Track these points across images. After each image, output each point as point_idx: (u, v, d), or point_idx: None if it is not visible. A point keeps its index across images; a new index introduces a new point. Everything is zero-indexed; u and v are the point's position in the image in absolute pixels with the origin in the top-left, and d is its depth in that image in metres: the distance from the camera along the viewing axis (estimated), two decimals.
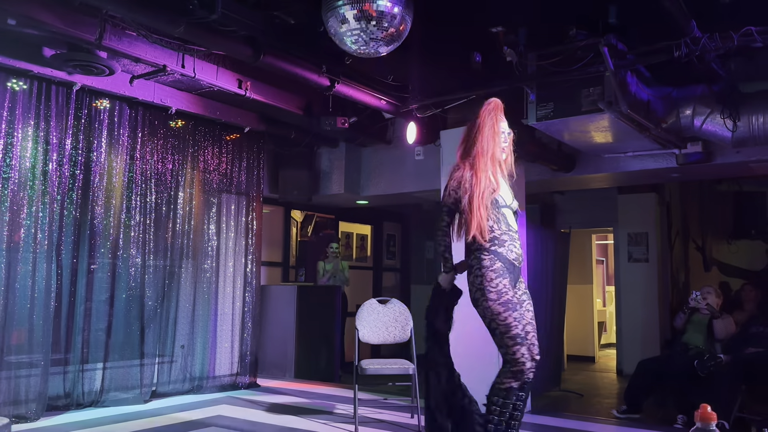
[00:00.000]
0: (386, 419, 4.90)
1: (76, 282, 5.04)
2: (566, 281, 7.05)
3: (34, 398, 4.67)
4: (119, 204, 5.32)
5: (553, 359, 6.73)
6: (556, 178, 6.17)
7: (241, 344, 6.32)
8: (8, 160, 4.65)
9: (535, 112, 4.64)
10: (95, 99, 5.19)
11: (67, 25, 4.06)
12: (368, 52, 3.67)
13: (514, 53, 4.46)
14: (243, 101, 5.76)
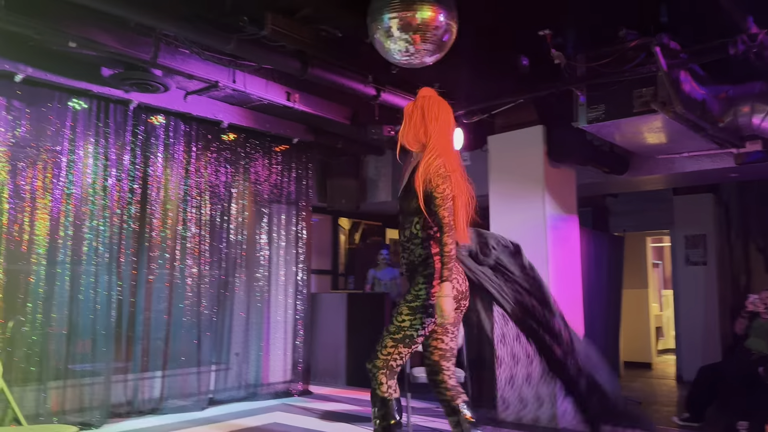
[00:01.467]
0: (439, 428, 4.88)
1: (136, 293, 5.22)
2: (621, 286, 6.88)
3: (98, 406, 4.85)
4: (175, 216, 5.49)
5: (608, 366, 6.56)
6: (608, 180, 6.04)
7: (293, 351, 6.41)
8: (71, 176, 4.86)
9: (586, 115, 4.55)
10: (151, 115, 5.38)
11: (124, 46, 4.22)
12: (414, 62, 3.69)
13: (563, 55, 4.40)
14: (291, 113, 5.87)
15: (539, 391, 4.97)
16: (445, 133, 3.00)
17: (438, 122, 2.99)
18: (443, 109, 3.05)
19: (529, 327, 3.43)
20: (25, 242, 4.62)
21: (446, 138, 2.99)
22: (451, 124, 3.06)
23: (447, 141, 2.99)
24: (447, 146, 2.98)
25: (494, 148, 5.43)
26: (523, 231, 5.17)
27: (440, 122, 2.99)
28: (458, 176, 2.96)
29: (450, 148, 3.00)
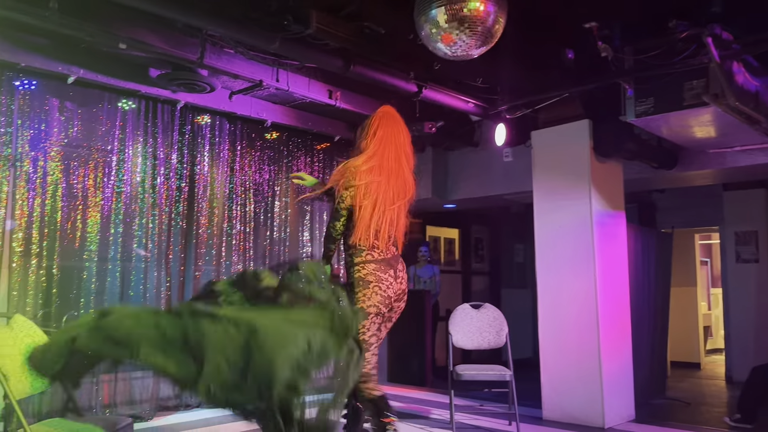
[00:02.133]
0: (483, 425, 4.85)
1: (184, 288, 5.33)
2: (669, 284, 6.72)
3: (148, 399, 4.97)
4: (221, 214, 5.59)
5: (656, 366, 6.42)
6: (656, 175, 5.90)
7: None
8: (121, 175, 4.99)
9: (634, 108, 4.46)
10: (197, 115, 5.48)
11: (171, 46, 4.30)
12: (461, 54, 3.65)
13: (610, 48, 4.32)
14: (333, 111, 5.90)
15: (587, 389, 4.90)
16: (379, 147, 3.19)
17: (374, 137, 3.21)
18: (386, 126, 3.26)
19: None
20: (77, 239, 4.76)
21: (380, 151, 3.18)
22: (390, 139, 3.23)
23: (380, 154, 3.17)
24: (378, 158, 3.16)
25: (538, 143, 5.36)
26: (569, 228, 5.10)
27: (377, 137, 3.21)
28: (377, 185, 3.12)
29: (381, 159, 3.16)
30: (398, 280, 3.17)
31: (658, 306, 6.42)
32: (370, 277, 3.06)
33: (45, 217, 4.59)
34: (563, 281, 5.11)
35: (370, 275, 3.07)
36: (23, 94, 4.55)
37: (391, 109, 3.38)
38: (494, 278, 9.90)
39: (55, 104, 4.72)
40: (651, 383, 6.23)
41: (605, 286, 5.03)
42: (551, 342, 5.16)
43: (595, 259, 4.96)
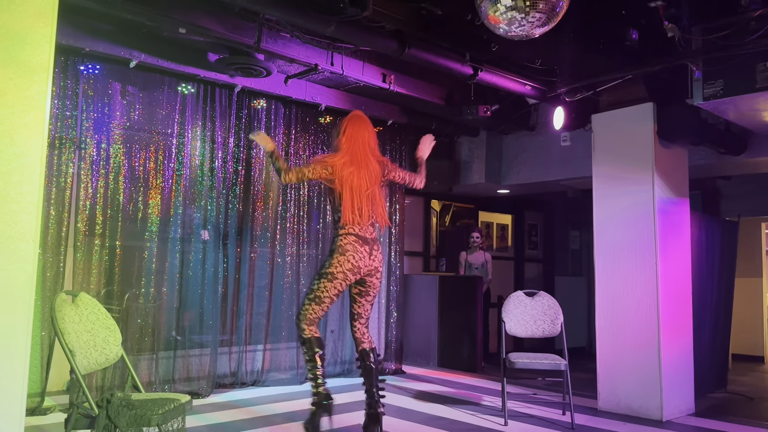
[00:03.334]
0: (536, 414, 4.79)
1: (240, 269, 5.44)
2: (734, 274, 6.45)
3: (205, 376, 5.11)
4: (276, 197, 5.66)
5: (717, 358, 6.20)
6: (722, 161, 5.65)
7: (386, 331, 6.48)
8: (181, 158, 5.10)
9: (702, 91, 4.26)
10: (254, 99, 5.55)
11: (229, 31, 4.35)
12: (522, 33, 3.55)
13: (677, 28, 4.13)
14: (386, 95, 5.86)
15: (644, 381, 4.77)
16: (349, 144, 3.86)
17: (344, 135, 3.89)
18: (353, 126, 3.92)
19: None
20: (139, 220, 4.91)
21: (350, 147, 3.85)
22: (357, 136, 3.88)
23: (350, 150, 3.84)
24: (349, 154, 3.84)
25: (599, 127, 5.19)
26: (630, 215, 4.95)
27: (346, 135, 3.88)
28: (350, 175, 3.78)
29: (351, 154, 3.83)
30: (372, 257, 3.77)
31: (722, 297, 6.18)
32: (348, 246, 3.69)
33: (108, 199, 4.74)
34: (622, 269, 4.96)
35: (348, 245, 3.70)
36: (87, 78, 4.69)
37: (358, 113, 4.05)
38: (548, 265, 9.73)
39: (117, 88, 4.85)
40: (711, 376, 6.02)
41: (666, 275, 4.86)
42: (608, 331, 5.04)
43: (656, 247, 4.80)
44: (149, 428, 2.82)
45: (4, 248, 2.03)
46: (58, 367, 4.51)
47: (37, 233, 2.11)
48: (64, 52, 4.49)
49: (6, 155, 2.07)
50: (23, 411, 2.08)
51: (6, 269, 2.03)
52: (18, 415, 2.04)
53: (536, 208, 9.71)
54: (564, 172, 6.64)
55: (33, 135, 2.13)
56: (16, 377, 2.04)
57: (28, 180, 2.10)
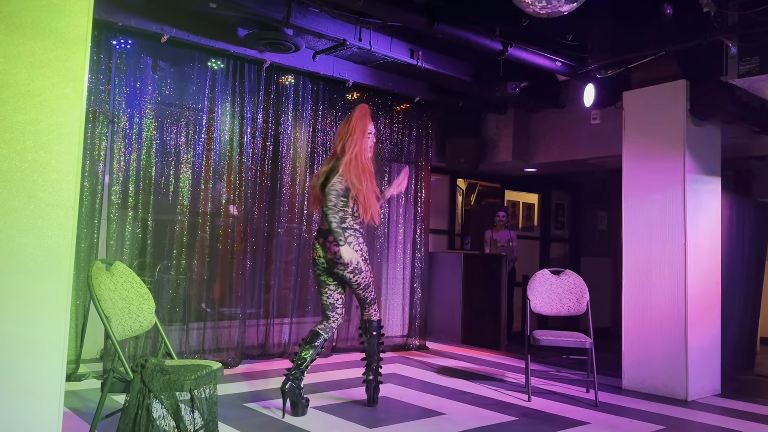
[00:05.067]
0: (559, 392, 4.81)
1: (268, 244, 5.52)
2: (765, 257, 6.35)
3: (233, 347, 5.23)
4: (303, 173, 5.72)
5: (745, 341, 6.14)
6: (756, 141, 5.53)
7: (411, 308, 6.54)
8: (210, 133, 5.17)
9: (737, 68, 4.17)
10: (282, 75, 5.58)
11: (258, 5, 4.38)
12: (550, 12, 3.52)
13: (712, 3, 4.04)
14: (413, 71, 5.85)
15: (670, 361, 4.76)
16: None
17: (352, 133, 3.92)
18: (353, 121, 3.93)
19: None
20: (170, 194, 5.00)
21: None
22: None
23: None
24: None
25: (630, 104, 5.12)
26: (660, 195, 4.89)
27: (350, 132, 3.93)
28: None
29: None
30: (324, 248, 4.01)
31: (751, 279, 6.10)
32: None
33: (140, 172, 4.83)
34: (651, 249, 4.92)
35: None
36: (119, 52, 4.76)
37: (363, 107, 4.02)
38: (574, 245, 9.67)
39: (149, 63, 4.92)
40: (739, 358, 5.97)
41: (695, 256, 4.81)
42: (635, 311, 5.02)
43: (686, 228, 4.74)
44: (182, 393, 2.92)
45: (45, 215, 2.11)
46: (91, 336, 4.66)
47: (76, 201, 2.18)
48: (97, 26, 4.56)
49: (47, 125, 2.13)
50: (64, 369, 2.17)
51: (48, 236, 2.11)
52: (59, 374, 2.13)
53: (564, 188, 9.62)
54: (593, 150, 6.57)
55: (72, 106, 2.19)
56: (57, 338, 2.12)
57: (67, 150, 2.17)
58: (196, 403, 3.02)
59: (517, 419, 3.98)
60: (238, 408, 3.95)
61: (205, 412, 2.98)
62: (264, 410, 3.93)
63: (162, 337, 3.36)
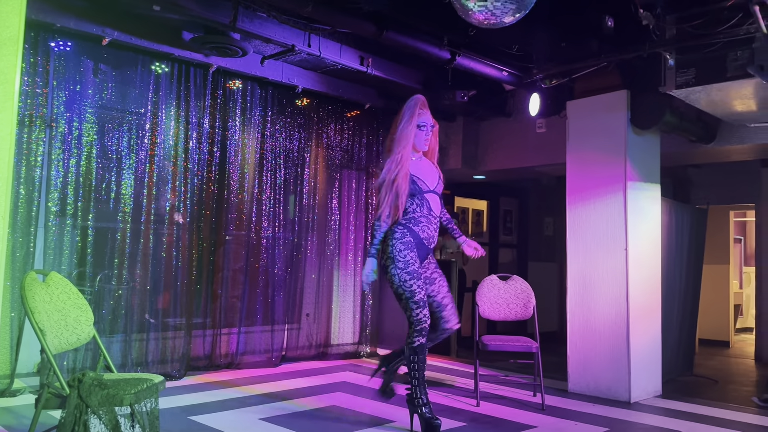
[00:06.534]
0: (507, 396, 4.87)
1: (214, 252, 5.41)
2: (702, 261, 6.60)
3: (178, 358, 5.09)
4: (252, 179, 5.63)
5: (684, 343, 6.35)
6: (693, 150, 5.75)
7: (362, 315, 6.52)
8: (154, 138, 5.04)
9: (675, 79, 4.33)
10: (229, 80, 5.48)
11: (203, 9, 4.29)
12: (493, 22, 3.56)
13: (651, 16, 4.18)
14: (363, 78, 5.84)
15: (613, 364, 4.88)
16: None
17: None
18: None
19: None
20: (112, 201, 4.84)
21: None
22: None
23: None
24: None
25: (573, 113, 5.25)
26: (602, 201, 5.02)
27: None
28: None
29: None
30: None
31: (690, 283, 6.33)
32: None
33: (80, 178, 4.66)
34: (594, 255, 5.05)
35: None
36: (58, 55, 4.59)
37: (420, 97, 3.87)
38: (521, 251, 9.84)
39: (89, 66, 4.76)
40: (679, 360, 6.17)
41: (637, 261, 4.96)
42: (579, 315, 5.13)
43: (627, 233, 4.88)
44: (122, 408, 2.82)
45: None
46: (27, 349, 4.45)
47: (7, 209, 2.08)
48: (34, 28, 4.38)
49: None
50: None
51: None
52: None
53: (511, 195, 9.79)
54: (539, 158, 6.70)
55: (3, 109, 2.09)
56: None
57: None
58: (137, 418, 2.92)
59: (466, 425, 4.01)
60: (182, 421, 3.84)
61: (147, 427, 2.89)
62: (209, 423, 3.83)
63: (101, 350, 3.24)
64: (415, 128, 3.68)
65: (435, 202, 3.68)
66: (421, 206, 3.60)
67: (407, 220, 3.57)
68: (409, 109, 3.72)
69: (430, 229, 3.63)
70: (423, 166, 3.72)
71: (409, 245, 3.51)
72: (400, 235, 3.53)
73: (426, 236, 3.61)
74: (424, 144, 3.73)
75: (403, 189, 3.53)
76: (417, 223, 3.58)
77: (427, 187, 3.66)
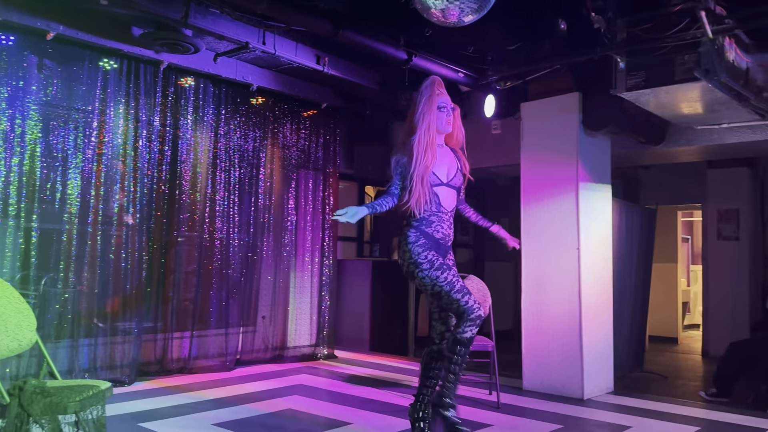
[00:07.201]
0: (463, 394, 4.89)
1: (166, 254, 5.27)
2: (651, 260, 6.78)
3: (128, 364, 4.94)
4: (205, 179, 5.51)
5: (635, 340, 6.52)
6: (643, 151, 5.90)
7: (319, 316, 6.46)
8: (102, 137, 4.88)
9: (625, 82, 4.41)
10: (181, 77, 5.36)
11: (154, 4, 4.18)
12: (453, 21, 3.57)
13: (603, 20, 4.26)
14: (320, 77, 5.79)
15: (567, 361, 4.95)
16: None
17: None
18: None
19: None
20: (57, 201, 4.66)
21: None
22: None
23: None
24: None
25: (527, 115, 5.31)
26: (555, 202, 5.10)
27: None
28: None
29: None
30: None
31: (640, 281, 6.49)
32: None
33: (23, 178, 4.48)
34: (547, 254, 5.12)
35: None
36: (0, 49, 4.40)
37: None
38: (478, 251, 9.94)
39: (33, 61, 4.57)
40: (630, 357, 6.33)
41: (588, 260, 5.05)
42: (533, 314, 5.19)
43: (579, 233, 4.97)
44: (66, 416, 2.71)
45: None
46: None
47: None
48: None
49: None
50: None
51: None
52: None
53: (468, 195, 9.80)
54: (495, 159, 6.76)
55: None
56: None
57: None
58: (82, 426, 2.81)
59: None
60: (131, 428, 3.73)
61: None
62: (160, 430, 3.72)
63: (45, 357, 3.12)
64: (436, 110, 3.37)
65: (447, 197, 3.36)
66: (429, 203, 3.27)
67: (418, 221, 3.27)
68: (427, 90, 3.40)
69: (443, 227, 3.32)
70: (439, 155, 3.37)
71: (426, 246, 3.24)
72: (414, 238, 3.25)
73: (441, 236, 3.31)
74: (447, 125, 3.40)
75: (419, 185, 3.22)
76: (429, 224, 3.28)
77: (438, 180, 3.33)
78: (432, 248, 3.25)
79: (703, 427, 4.16)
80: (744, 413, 4.57)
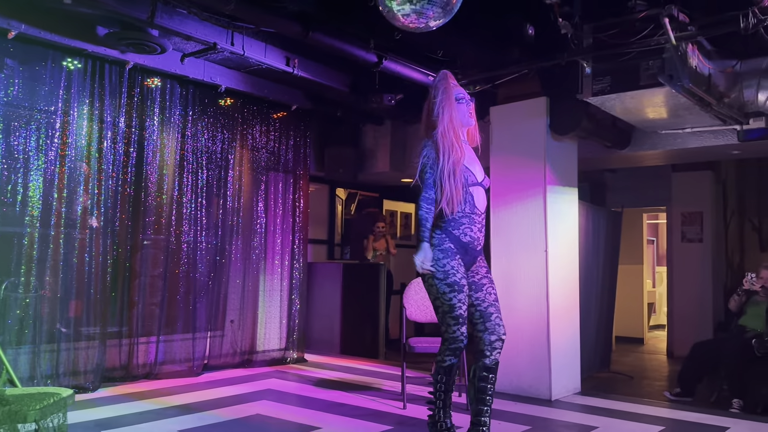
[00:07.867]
0: None
1: (131, 257, 5.18)
2: (617, 262, 6.89)
3: (92, 370, 4.84)
4: (172, 181, 5.42)
5: (602, 340, 6.61)
6: (609, 155, 5.99)
7: (289, 320, 6.41)
8: (65, 138, 4.77)
9: (591, 87, 4.48)
10: (147, 78, 5.27)
11: (120, 3, 4.11)
12: (418, 26, 3.58)
13: (570, 25, 4.31)
14: (290, 79, 5.76)
15: (535, 363, 5.00)
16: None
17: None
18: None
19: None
20: (18, 204, 4.55)
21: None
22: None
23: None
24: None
25: (496, 119, 5.36)
26: (523, 204, 5.14)
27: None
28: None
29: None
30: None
31: (606, 283, 6.59)
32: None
33: None
34: (516, 256, 5.17)
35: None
36: None
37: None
38: None
39: None
40: (596, 357, 6.42)
41: (556, 262, 5.10)
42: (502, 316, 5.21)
43: (547, 235, 5.02)
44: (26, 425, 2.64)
45: None
46: None
47: None
48: None
49: None
50: None
51: None
52: None
53: None
54: None
55: None
56: None
57: None
58: None
59: (393, 428, 4.00)
60: None
61: None
62: None
63: (4, 363, 3.04)
64: (455, 102, 3.19)
65: (480, 197, 3.18)
66: (464, 203, 3.09)
67: (446, 222, 3.08)
68: (441, 83, 3.25)
69: (473, 230, 3.13)
70: (468, 153, 3.19)
71: (448, 252, 3.06)
72: (439, 241, 3.07)
73: (470, 239, 3.12)
74: (469, 118, 3.22)
75: (451, 180, 3.03)
76: (458, 226, 3.08)
77: (475, 179, 3.15)
78: (457, 254, 3.10)
79: (667, 427, 4.23)
80: (707, 412, 4.66)
